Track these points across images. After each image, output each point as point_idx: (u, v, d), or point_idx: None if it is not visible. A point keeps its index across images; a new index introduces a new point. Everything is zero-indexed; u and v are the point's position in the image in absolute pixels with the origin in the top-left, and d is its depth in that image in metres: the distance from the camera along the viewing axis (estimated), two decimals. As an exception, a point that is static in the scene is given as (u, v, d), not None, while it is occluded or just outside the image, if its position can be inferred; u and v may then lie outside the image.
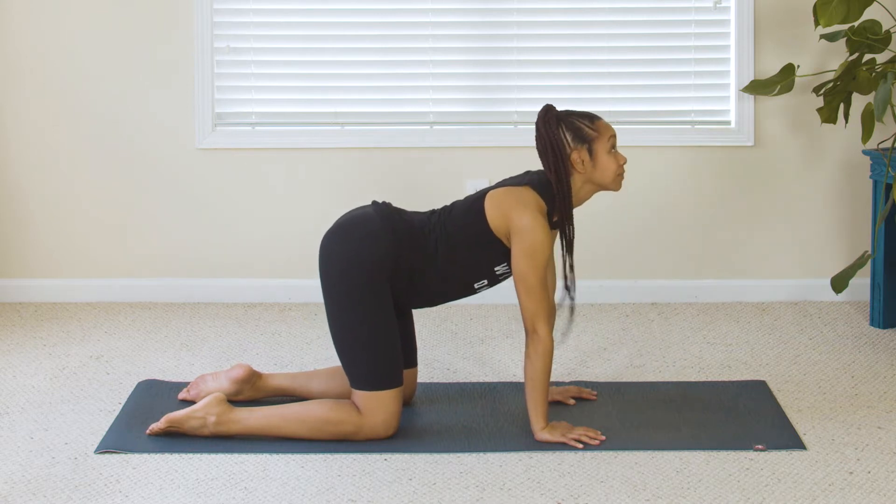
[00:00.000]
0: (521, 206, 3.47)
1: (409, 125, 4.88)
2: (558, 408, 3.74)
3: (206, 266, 4.91)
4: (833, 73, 4.57)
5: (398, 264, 3.49)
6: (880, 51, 4.39)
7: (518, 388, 3.88)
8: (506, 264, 3.55)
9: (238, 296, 4.91)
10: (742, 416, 3.67)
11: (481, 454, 3.41)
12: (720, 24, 4.84)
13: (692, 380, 4.01)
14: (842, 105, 4.56)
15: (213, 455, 3.39)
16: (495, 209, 3.50)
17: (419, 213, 3.62)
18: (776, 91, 4.58)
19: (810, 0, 4.69)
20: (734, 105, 4.83)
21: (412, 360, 3.71)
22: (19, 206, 4.89)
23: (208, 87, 4.82)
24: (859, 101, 4.69)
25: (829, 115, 4.51)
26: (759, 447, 3.43)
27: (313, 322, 4.63)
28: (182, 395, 3.81)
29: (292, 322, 4.65)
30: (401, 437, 3.50)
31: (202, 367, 4.15)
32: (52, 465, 3.35)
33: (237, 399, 3.75)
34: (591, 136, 3.52)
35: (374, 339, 3.45)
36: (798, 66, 4.62)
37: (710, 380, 4.01)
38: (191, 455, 3.39)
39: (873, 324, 4.57)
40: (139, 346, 4.37)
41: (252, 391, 3.77)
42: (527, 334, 3.47)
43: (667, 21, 4.85)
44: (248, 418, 3.49)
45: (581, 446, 3.44)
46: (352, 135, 4.87)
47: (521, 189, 3.52)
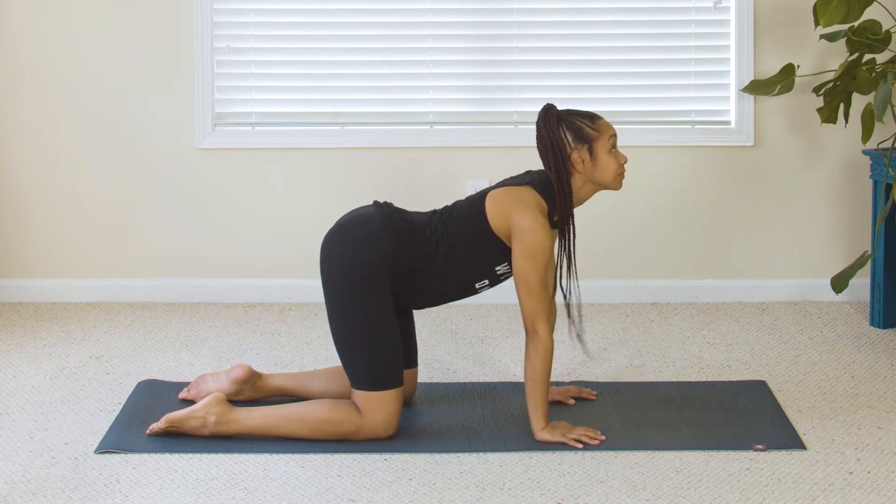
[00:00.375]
0: (522, 206, 3.47)
1: (409, 125, 4.88)
2: (558, 408, 3.74)
3: (206, 266, 4.91)
4: (833, 73, 4.57)
5: (399, 264, 3.49)
6: (880, 51, 4.39)
7: (518, 388, 3.87)
8: (507, 264, 3.54)
9: (238, 296, 4.90)
10: (742, 416, 3.66)
11: (481, 454, 3.41)
12: (720, 24, 4.84)
13: (692, 380, 4.01)
14: (842, 105, 4.56)
15: (213, 455, 3.39)
16: (496, 209, 3.50)
17: (420, 213, 3.61)
18: (776, 91, 4.58)
19: (810, 0, 4.69)
20: (734, 105, 4.83)
21: (412, 360, 3.71)
22: (19, 206, 4.89)
23: (208, 87, 4.82)
24: (859, 101, 4.69)
25: (829, 115, 4.51)
26: (759, 447, 3.43)
27: (313, 322, 4.63)
28: (182, 395, 3.81)
29: (292, 322, 4.65)
30: (401, 437, 3.50)
31: (202, 367, 4.15)
32: (52, 465, 3.34)
33: (237, 399, 3.75)
34: (592, 136, 3.52)
35: (374, 339, 3.45)
36: (798, 66, 4.62)
37: (710, 380, 4.00)
38: (191, 455, 3.39)
39: (873, 324, 4.57)
40: (139, 346, 4.37)
41: (252, 391, 3.77)
42: (527, 334, 3.47)
43: (667, 21, 4.85)
44: (247, 418, 3.49)
45: (581, 446, 3.44)
46: (352, 135, 4.87)
47: (522, 189, 3.52)
